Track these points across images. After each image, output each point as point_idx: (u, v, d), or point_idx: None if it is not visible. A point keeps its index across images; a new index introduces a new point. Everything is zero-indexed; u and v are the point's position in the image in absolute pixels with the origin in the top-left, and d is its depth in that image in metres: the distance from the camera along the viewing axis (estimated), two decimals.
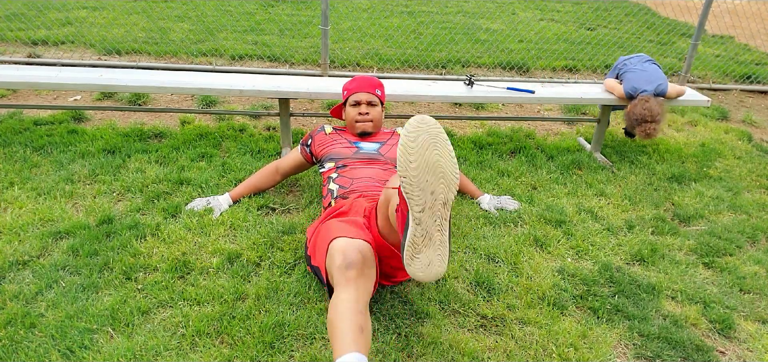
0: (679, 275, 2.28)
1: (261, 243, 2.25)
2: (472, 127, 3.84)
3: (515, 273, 2.20)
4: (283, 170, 2.59)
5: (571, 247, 2.41)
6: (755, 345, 1.95)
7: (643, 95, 3.11)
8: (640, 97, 3.11)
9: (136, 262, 2.08)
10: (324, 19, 4.25)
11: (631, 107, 3.12)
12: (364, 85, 2.45)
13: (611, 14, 8.12)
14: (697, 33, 4.70)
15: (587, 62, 5.47)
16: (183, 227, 2.32)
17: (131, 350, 1.68)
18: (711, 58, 6.10)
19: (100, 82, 2.95)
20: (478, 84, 3.30)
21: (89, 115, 3.58)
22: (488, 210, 2.64)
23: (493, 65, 5.29)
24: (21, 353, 1.65)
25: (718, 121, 4.33)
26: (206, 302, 1.91)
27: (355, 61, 5.06)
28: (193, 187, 2.66)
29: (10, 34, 5.14)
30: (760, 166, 3.49)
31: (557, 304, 2.03)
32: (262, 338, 1.76)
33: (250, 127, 3.53)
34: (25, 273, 2.00)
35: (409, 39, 5.94)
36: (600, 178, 3.10)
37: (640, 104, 3.07)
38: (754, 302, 2.17)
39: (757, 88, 5.28)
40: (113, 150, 3.00)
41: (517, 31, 6.70)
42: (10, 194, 2.51)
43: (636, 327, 1.95)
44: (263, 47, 5.22)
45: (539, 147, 3.49)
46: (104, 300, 1.89)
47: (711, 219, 2.78)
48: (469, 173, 2.98)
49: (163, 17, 6.21)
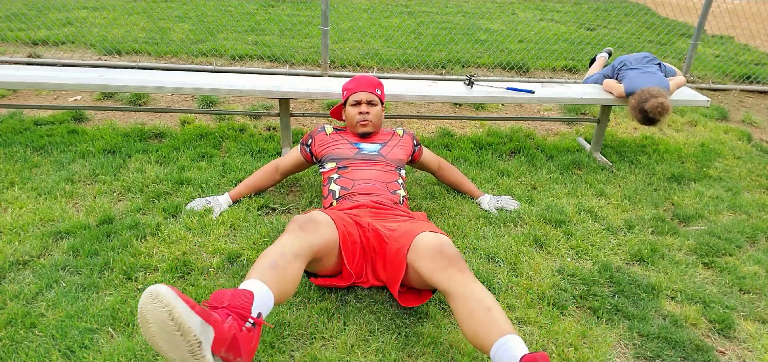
0: (678, 275, 2.28)
1: (261, 243, 2.25)
2: (472, 127, 3.84)
3: (515, 273, 2.20)
4: (283, 169, 2.59)
5: (570, 247, 2.42)
6: (755, 345, 1.95)
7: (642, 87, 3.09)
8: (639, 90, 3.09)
9: (137, 262, 2.09)
10: (324, 19, 4.25)
11: (633, 98, 3.08)
12: (364, 84, 2.45)
13: (611, 14, 8.12)
14: (697, 33, 4.70)
15: (587, 62, 5.47)
16: (183, 227, 2.32)
17: (131, 350, 1.68)
18: (711, 58, 6.10)
19: (101, 82, 2.95)
20: (478, 84, 3.30)
21: (89, 115, 3.59)
22: (488, 210, 2.64)
23: (493, 65, 5.29)
24: (21, 353, 1.65)
25: (717, 121, 4.33)
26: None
27: (355, 61, 5.06)
28: (194, 187, 2.66)
29: (10, 34, 5.14)
30: (760, 166, 3.49)
31: (557, 304, 2.03)
32: (262, 338, 1.76)
33: (251, 127, 3.53)
34: (26, 273, 2.01)
35: (409, 39, 5.95)
36: (600, 178, 3.10)
37: (642, 92, 3.03)
38: (753, 302, 2.17)
39: (756, 88, 5.28)
40: (113, 150, 3.00)
41: (517, 31, 6.70)
42: (11, 194, 2.51)
43: (636, 327, 1.95)
44: (263, 47, 5.22)
45: (539, 147, 3.49)
46: (104, 300, 1.89)
47: (711, 219, 2.78)
48: (469, 173, 2.98)
49: (163, 17, 6.21)
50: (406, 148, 2.48)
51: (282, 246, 1.65)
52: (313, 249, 1.71)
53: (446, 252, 1.70)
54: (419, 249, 1.76)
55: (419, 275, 1.76)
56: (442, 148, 3.38)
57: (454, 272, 1.66)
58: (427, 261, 1.71)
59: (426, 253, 1.73)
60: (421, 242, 1.77)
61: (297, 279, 1.64)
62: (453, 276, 1.65)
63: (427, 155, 2.68)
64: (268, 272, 1.55)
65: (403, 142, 2.50)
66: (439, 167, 2.74)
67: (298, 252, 1.65)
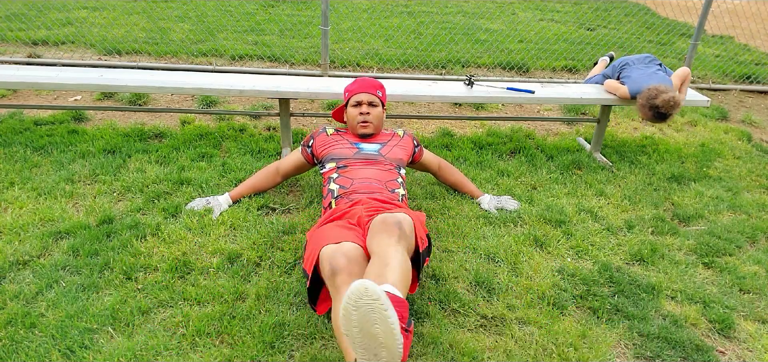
0: (678, 275, 2.28)
1: (261, 243, 2.25)
2: (472, 127, 3.84)
3: (515, 273, 2.20)
4: (284, 171, 2.59)
5: (570, 247, 2.42)
6: (755, 345, 1.95)
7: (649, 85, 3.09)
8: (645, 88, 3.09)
9: (137, 262, 2.09)
10: (324, 19, 4.25)
11: (641, 97, 3.08)
12: (365, 86, 2.45)
13: (611, 14, 8.12)
14: (697, 33, 4.70)
15: (587, 62, 5.47)
16: (183, 227, 2.32)
17: (131, 350, 1.68)
18: (711, 58, 6.10)
19: (101, 82, 2.95)
20: (478, 84, 3.30)
21: (89, 115, 3.59)
22: (488, 210, 2.64)
23: (493, 65, 5.29)
24: (21, 353, 1.65)
25: (717, 121, 4.33)
26: (206, 302, 1.91)
27: (355, 61, 5.06)
28: (194, 187, 2.66)
29: (10, 34, 5.14)
30: (760, 166, 3.49)
31: (557, 304, 2.03)
32: (262, 338, 1.76)
33: (251, 127, 3.53)
34: (26, 273, 2.01)
35: (409, 39, 5.95)
36: (600, 178, 3.10)
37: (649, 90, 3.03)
38: (753, 302, 2.17)
39: (756, 88, 5.28)
40: (113, 150, 3.00)
41: (517, 31, 6.70)
42: (11, 194, 2.51)
43: (636, 327, 1.95)
44: (263, 47, 5.22)
45: (539, 147, 3.49)
46: (104, 300, 1.89)
47: (711, 219, 2.78)
48: (469, 173, 2.98)
49: (163, 17, 6.21)
50: (406, 149, 2.49)
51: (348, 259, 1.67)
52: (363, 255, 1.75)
53: (387, 221, 1.74)
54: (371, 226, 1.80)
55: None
56: (442, 148, 3.38)
57: (383, 237, 1.70)
58: (371, 234, 1.76)
59: (373, 226, 1.77)
60: (374, 220, 1.81)
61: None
62: (382, 240, 1.70)
63: (427, 156, 2.68)
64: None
65: (404, 142, 2.50)
66: (439, 168, 2.74)
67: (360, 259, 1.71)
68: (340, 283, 1.63)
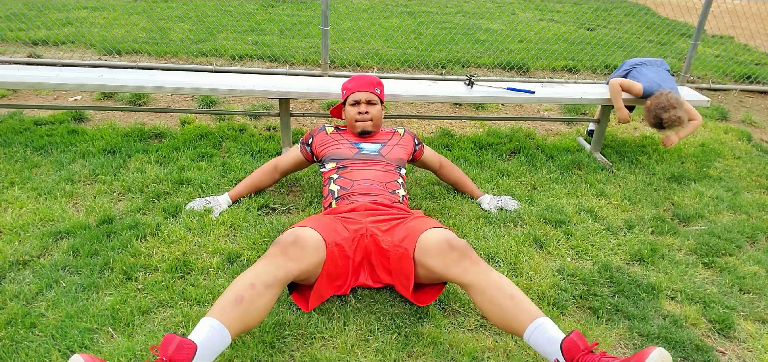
0: (678, 275, 2.28)
1: (261, 243, 2.25)
2: (472, 127, 3.84)
3: (515, 273, 2.20)
4: (282, 168, 2.59)
5: (570, 247, 2.42)
6: (755, 345, 1.95)
7: (662, 89, 3.10)
8: (659, 91, 3.10)
9: (137, 262, 2.09)
10: (324, 19, 4.25)
11: (652, 100, 3.09)
12: (363, 84, 2.45)
13: (611, 14, 8.13)
14: (697, 33, 4.70)
15: (587, 62, 5.48)
16: (183, 227, 2.32)
17: (131, 350, 1.68)
18: (711, 58, 6.10)
19: (101, 82, 2.95)
20: (478, 84, 3.30)
21: (89, 115, 3.59)
22: (488, 210, 2.64)
23: (493, 65, 5.29)
24: (21, 353, 1.65)
25: (717, 121, 4.33)
26: (206, 302, 1.91)
27: (355, 61, 5.06)
28: (194, 187, 2.66)
29: (10, 34, 5.14)
30: (760, 166, 3.49)
31: (557, 304, 2.03)
32: (262, 338, 1.76)
33: (251, 127, 3.53)
34: (26, 273, 2.01)
35: (409, 39, 5.95)
36: (600, 178, 3.10)
37: (662, 96, 3.04)
38: (753, 302, 2.17)
39: (756, 88, 5.28)
40: (113, 150, 3.00)
41: (517, 31, 6.70)
42: (11, 194, 2.51)
43: (636, 327, 1.95)
44: (263, 47, 5.22)
45: (539, 147, 3.49)
46: (104, 300, 1.89)
47: (711, 219, 2.78)
48: (469, 173, 2.98)
49: (163, 17, 6.21)
50: (406, 148, 2.48)
51: (255, 275, 1.59)
52: (292, 275, 1.66)
53: (455, 246, 1.73)
54: (427, 247, 1.78)
55: (431, 272, 1.78)
56: (442, 148, 3.38)
57: (468, 264, 1.70)
58: (437, 258, 1.74)
59: (434, 250, 1.75)
60: (427, 240, 1.79)
61: (267, 309, 1.60)
62: (468, 268, 1.70)
63: (428, 153, 2.67)
64: (231, 308, 1.52)
65: (404, 141, 2.50)
66: (440, 166, 2.74)
67: (272, 282, 1.60)
68: (272, 253, 1.66)
